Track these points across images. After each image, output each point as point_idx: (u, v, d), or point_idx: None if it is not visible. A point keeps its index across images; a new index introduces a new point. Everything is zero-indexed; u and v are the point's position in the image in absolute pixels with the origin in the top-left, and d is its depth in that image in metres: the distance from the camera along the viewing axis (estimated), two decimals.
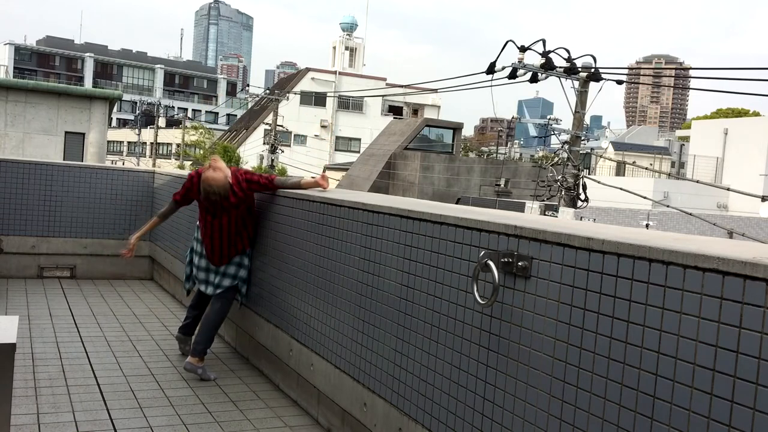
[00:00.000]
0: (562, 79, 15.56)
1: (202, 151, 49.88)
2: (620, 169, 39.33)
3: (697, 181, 19.17)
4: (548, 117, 18.46)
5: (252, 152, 47.54)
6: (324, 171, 42.65)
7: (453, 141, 34.68)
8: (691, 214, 18.13)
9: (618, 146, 55.18)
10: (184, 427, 3.78)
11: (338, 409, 3.75)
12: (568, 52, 15.27)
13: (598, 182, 17.39)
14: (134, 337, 5.54)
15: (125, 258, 5.20)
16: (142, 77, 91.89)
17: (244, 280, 4.96)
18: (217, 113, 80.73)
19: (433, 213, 2.99)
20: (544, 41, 14.91)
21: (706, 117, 65.29)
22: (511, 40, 14.69)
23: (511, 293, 2.50)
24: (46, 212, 7.51)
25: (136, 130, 58.57)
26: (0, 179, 7.32)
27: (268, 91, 42.59)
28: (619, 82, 16.09)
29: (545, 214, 16.52)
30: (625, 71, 39.37)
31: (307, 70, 59.79)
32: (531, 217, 3.43)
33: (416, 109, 58.36)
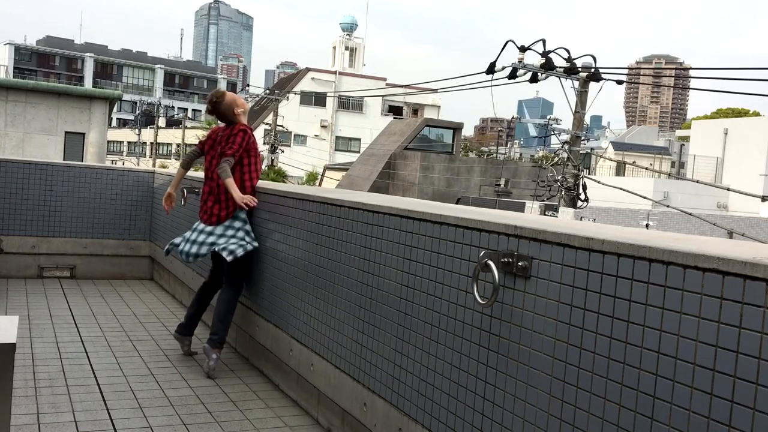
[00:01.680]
0: (562, 79, 15.58)
1: None
2: (620, 169, 39.34)
3: (697, 181, 19.18)
4: (548, 117, 18.47)
5: None
6: (324, 171, 42.65)
7: (453, 141, 34.69)
8: (691, 214, 18.14)
9: (618, 146, 55.19)
10: (184, 427, 3.78)
11: (338, 409, 3.75)
12: (568, 52, 15.29)
13: (598, 182, 17.40)
14: (134, 337, 5.54)
15: (167, 212, 5.18)
16: (142, 77, 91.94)
17: (229, 238, 4.77)
18: None
19: (433, 213, 2.99)
20: (544, 41, 14.94)
21: (706, 117, 65.31)
22: (511, 40, 14.72)
23: (511, 293, 2.50)
24: (46, 212, 7.51)
25: (136, 130, 58.59)
26: (0, 179, 7.32)
27: (268, 91, 42.59)
28: (619, 82, 16.11)
29: (545, 214, 16.52)
30: (625, 71, 39.40)
31: (307, 70, 59.80)
32: (531, 217, 3.43)
33: (416, 109, 58.38)
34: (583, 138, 16.73)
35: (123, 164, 44.86)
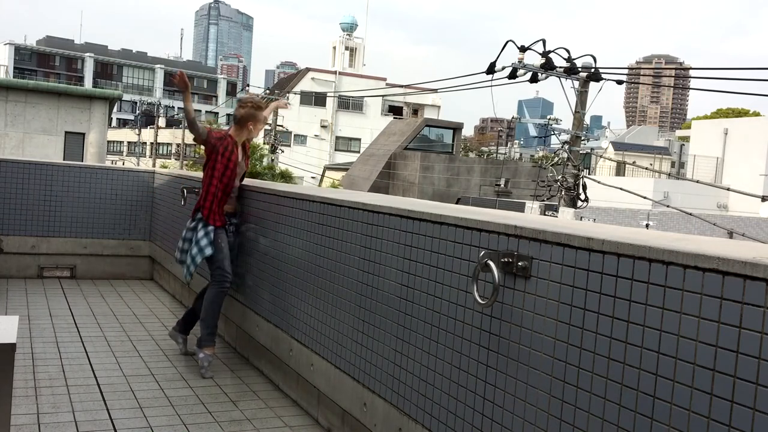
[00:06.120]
0: (562, 79, 15.56)
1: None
2: (620, 169, 39.32)
3: (697, 181, 19.15)
4: (548, 117, 18.45)
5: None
6: (324, 171, 42.59)
7: (453, 141, 34.71)
8: (691, 214, 18.14)
9: (618, 146, 55.17)
10: (184, 427, 3.78)
11: (338, 409, 3.75)
12: (568, 52, 15.27)
13: (598, 182, 17.38)
14: (134, 337, 5.54)
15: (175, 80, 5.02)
16: (142, 77, 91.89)
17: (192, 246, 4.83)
18: (217, 113, 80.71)
19: (433, 213, 2.99)
20: (544, 41, 14.92)
21: (706, 117, 65.28)
22: (511, 40, 14.70)
23: (511, 293, 2.50)
24: (46, 212, 7.51)
25: (136, 130, 58.56)
26: (0, 179, 7.32)
27: (268, 91, 42.59)
28: (619, 82, 16.09)
29: (545, 214, 16.52)
30: (625, 71, 39.38)
31: (307, 70, 59.80)
32: (531, 217, 3.43)
33: (416, 109, 58.31)
34: (583, 138, 16.71)
35: (123, 164, 44.85)
